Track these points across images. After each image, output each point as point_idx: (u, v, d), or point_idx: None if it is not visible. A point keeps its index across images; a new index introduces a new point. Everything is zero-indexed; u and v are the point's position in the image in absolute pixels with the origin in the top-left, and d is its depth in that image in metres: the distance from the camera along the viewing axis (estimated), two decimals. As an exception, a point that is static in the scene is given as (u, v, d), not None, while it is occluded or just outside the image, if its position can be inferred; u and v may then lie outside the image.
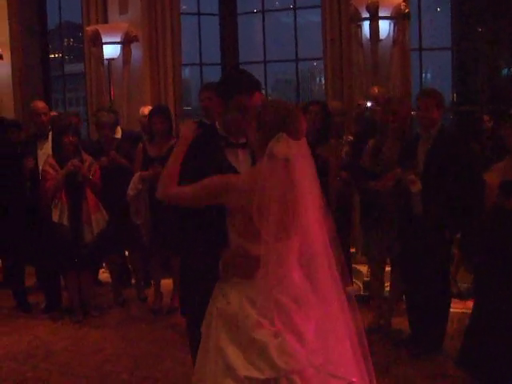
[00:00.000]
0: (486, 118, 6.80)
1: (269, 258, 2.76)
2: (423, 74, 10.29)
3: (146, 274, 7.17)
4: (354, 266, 7.04)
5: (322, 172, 5.35)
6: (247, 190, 2.80)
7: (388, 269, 6.05)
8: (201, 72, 10.57)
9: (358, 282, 6.90)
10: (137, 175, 6.30)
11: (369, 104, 6.87)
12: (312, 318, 2.86)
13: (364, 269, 6.91)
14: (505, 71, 11.56)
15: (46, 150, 6.73)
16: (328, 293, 2.87)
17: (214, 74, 10.67)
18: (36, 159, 6.71)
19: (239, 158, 3.36)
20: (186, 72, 11.97)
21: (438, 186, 5.05)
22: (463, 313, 5.79)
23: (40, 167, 6.51)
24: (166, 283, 6.86)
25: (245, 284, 2.87)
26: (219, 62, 10.46)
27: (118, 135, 7.15)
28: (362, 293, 6.62)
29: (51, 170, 6.26)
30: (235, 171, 3.25)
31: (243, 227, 2.85)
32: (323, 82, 9.02)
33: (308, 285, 2.89)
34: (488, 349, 4.71)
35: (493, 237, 4.81)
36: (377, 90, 6.93)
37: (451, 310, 5.57)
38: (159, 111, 6.53)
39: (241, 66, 10.25)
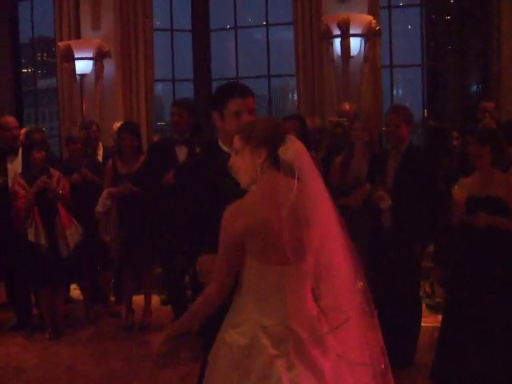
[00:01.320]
0: (454, 134, 6.89)
1: (286, 283, 2.65)
2: (394, 91, 10.37)
3: (118, 290, 7.14)
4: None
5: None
6: (260, 213, 2.63)
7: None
8: (173, 88, 10.59)
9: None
10: (105, 192, 6.29)
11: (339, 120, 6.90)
12: (330, 353, 2.70)
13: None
14: (473, 88, 11.72)
15: (15, 165, 6.67)
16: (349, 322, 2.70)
17: (186, 90, 10.72)
18: (6, 176, 6.65)
19: None
20: (159, 88, 11.99)
21: (407, 202, 5.10)
22: (434, 326, 5.84)
23: (9, 184, 6.46)
24: (138, 299, 6.83)
25: (259, 311, 2.68)
26: (192, 77, 10.48)
27: (100, 151, 7.17)
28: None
29: (21, 190, 6.21)
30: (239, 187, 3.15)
31: (260, 250, 2.65)
32: (295, 98, 9.07)
33: (321, 315, 2.74)
34: (458, 360, 4.78)
35: (460, 251, 4.90)
36: (348, 107, 6.99)
37: (423, 323, 5.62)
38: (128, 128, 6.52)
39: (213, 82, 10.30)
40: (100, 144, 7.35)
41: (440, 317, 5.34)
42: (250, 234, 2.61)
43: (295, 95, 9.07)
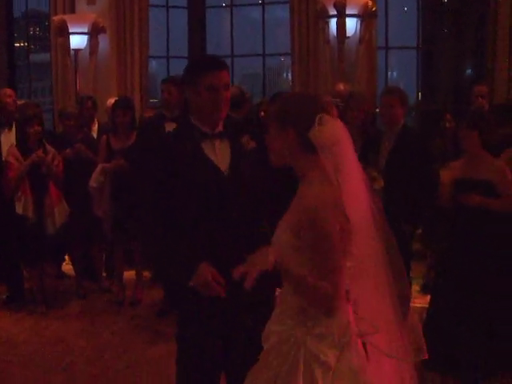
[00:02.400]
0: (447, 116, 6.92)
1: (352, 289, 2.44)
2: (389, 73, 10.38)
3: (109, 265, 7.17)
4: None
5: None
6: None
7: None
8: (168, 65, 10.56)
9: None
10: (99, 167, 6.31)
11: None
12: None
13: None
14: (468, 71, 11.73)
15: (9, 139, 6.66)
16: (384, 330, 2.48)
17: (180, 67, 10.65)
18: (-1, 149, 6.64)
19: (216, 149, 3.18)
20: (153, 64, 11.94)
21: (399, 183, 5.14)
22: (423, 307, 5.90)
23: (3, 157, 6.45)
24: (129, 274, 6.87)
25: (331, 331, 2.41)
26: (186, 55, 10.45)
27: (95, 127, 7.17)
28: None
29: (14, 161, 6.20)
30: (212, 164, 3.12)
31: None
32: (290, 77, 9.08)
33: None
34: (444, 341, 4.84)
35: (450, 233, 4.96)
36: (342, 87, 7.00)
37: (413, 304, 5.67)
38: (122, 104, 6.52)
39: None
40: (95, 120, 7.33)
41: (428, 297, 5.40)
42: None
43: (290, 74, 9.06)
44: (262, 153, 2.78)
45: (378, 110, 6.06)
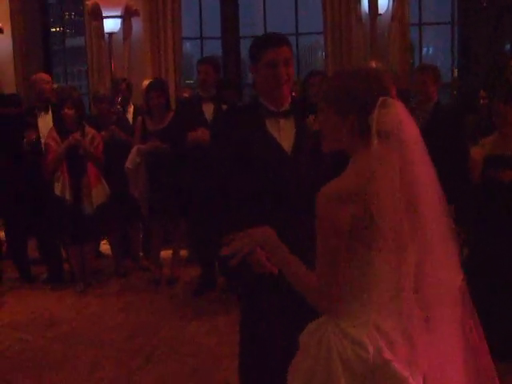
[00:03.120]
0: (482, 93, 6.86)
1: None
2: (424, 49, 10.27)
3: (147, 245, 7.28)
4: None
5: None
6: (360, 199, 2.11)
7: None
8: (201, 46, 10.60)
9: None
10: (135, 148, 6.39)
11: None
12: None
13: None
14: (507, 47, 11.52)
15: (46, 122, 6.77)
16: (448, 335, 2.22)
17: (214, 48, 10.72)
18: (38, 132, 6.76)
19: (281, 127, 3.17)
20: (187, 46, 11.99)
21: (433, 160, 5.11)
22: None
23: (42, 140, 6.58)
24: (166, 254, 6.98)
25: (373, 316, 2.16)
26: (219, 36, 10.48)
27: (131, 109, 7.27)
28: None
29: (53, 143, 6.32)
30: (276, 142, 3.12)
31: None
32: (323, 56, 9.05)
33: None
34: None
35: (483, 209, 4.93)
36: (375, 65, 6.97)
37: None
38: (156, 86, 6.57)
39: (241, 40, 10.28)
40: (130, 102, 7.43)
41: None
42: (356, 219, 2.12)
43: (323, 53, 9.03)
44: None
45: (411, 87, 6.01)
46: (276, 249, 2.30)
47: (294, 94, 6.42)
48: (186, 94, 7.88)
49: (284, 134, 3.16)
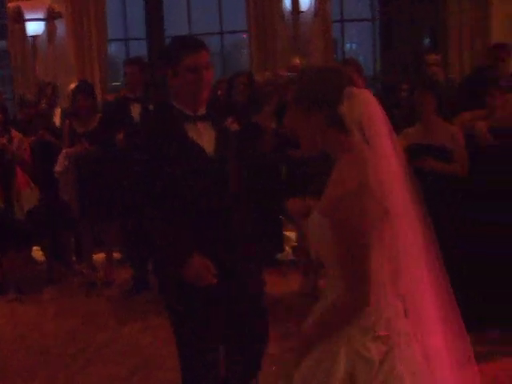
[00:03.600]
0: (404, 86, 7.05)
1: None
2: (347, 45, 10.51)
3: (79, 249, 7.23)
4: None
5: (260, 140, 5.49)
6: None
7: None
8: (126, 47, 10.56)
9: (288, 248, 7.13)
10: (63, 152, 6.37)
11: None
12: None
13: (293, 234, 7.13)
14: (426, 41, 11.87)
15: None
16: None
17: (139, 49, 10.68)
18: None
19: (201, 132, 3.13)
20: (112, 47, 11.91)
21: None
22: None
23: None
24: (99, 257, 6.96)
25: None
26: (145, 36, 10.46)
27: (58, 112, 7.20)
28: (291, 258, 6.88)
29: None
30: (198, 147, 3.08)
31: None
32: (248, 54, 9.16)
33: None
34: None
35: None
36: (298, 61, 7.08)
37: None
38: (82, 88, 6.56)
39: (167, 40, 10.29)
40: (58, 105, 7.36)
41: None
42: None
43: (248, 51, 9.14)
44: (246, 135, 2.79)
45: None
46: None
47: (220, 92, 6.54)
48: (110, 97, 7.86)
49: (204, 137, 3.12)
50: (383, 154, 2.11)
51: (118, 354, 5.03)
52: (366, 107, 2.12)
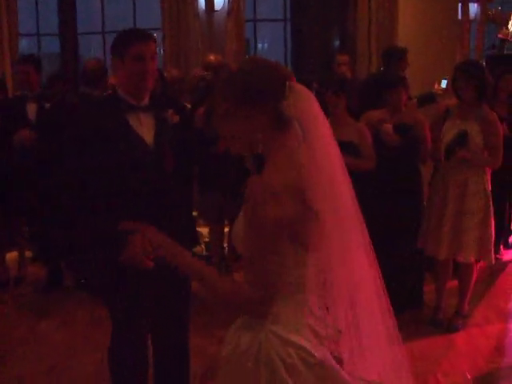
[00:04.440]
0: (314, 85, 7.27)
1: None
2: (259, 45, 10.68)
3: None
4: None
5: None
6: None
7: (226, 229, 6.46)
8: (38, 43, 10.41)
9: (202, 244, 7.23)
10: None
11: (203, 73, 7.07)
12: None
13: (205, 230, 7.23)
14: (335, 43, 12.18)
15: None
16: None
17: (52, 45, 10.55)
18: None
19: (142, 122, 3.19)
20: (23, 43, 11.71)
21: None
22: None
23: None
24: (11, 256, 6.86)
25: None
26: (57, 32, 10.34)
27: None
28: (204, 253, 6.98)
29: None
30: (138, 136, 3.14)
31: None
32: (162, 52, 9.20)
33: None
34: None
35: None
36: (213, 58, 7.07)
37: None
38: None
39: (79, 37, 10.22)
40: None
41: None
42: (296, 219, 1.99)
43: (162, 49, 9.18)
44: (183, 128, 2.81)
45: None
46: (180, 254, 2.18)
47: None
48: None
49: (145, 128, 3.19)
50: (322, 152, 2.02)
51: (35, 352, 5.01)
52: (307, 103, 2.01)
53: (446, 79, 6.71)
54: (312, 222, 2.00)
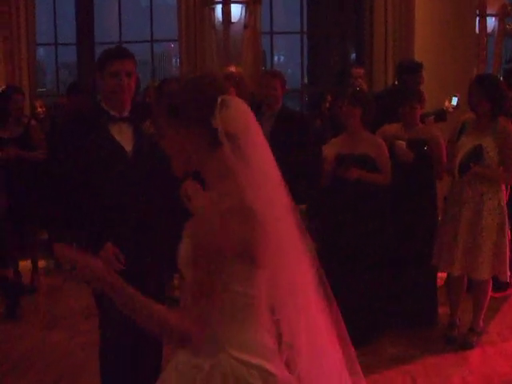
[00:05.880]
0: (328, 98, 7.29)
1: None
2: (276, 57, 10.71)
3: (2, 255, 7.12)
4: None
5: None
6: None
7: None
8: (56, 52, 10.48)
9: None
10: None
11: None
12: None
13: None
14: (353, 55, 12.20)
15: None
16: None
17: (69, 54, 10.62)
18: None
19: (122, 132, 3.46)
20: (41, 52, 11.79)
21: (283, 161, 5.39)
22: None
23: None
24: (24, 264, 6.85)
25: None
26: (74, 42, 10.41)
27: None
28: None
29: None
30: (118, 145, 3.41)
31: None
32: (178, 63, 9.24)
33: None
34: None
35: (329, 202, 5.31)
36: (233, 70, 6.95)
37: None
38: (12, 92, 6.50)
39: (96, 46, 10.27)
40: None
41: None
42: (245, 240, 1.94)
43: (178, 61, 9.22)
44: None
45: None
46: (119, 287, 1.97)
47: (148, 99, 6.58)
48: (38, 104, 7.79)
49: (125, 137, 3.45)
50: (260, 168, 1.95)
51: (43, 362, 5.00)
52: (242, 117, 1.94)
53: (456, 96, 6.63)
54: (261, 239, 1.94)
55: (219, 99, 1.92)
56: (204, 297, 1.92)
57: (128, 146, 3.44)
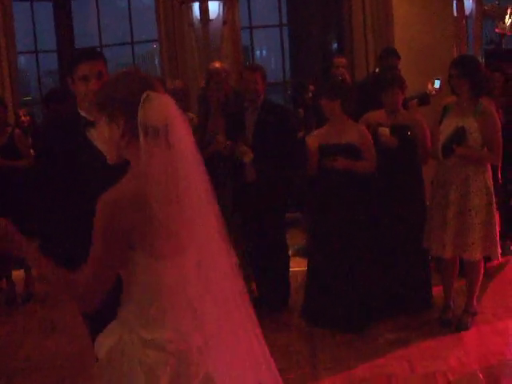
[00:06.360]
0: (311, 87, 7.28)
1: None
2: (257, 52, 10.69)
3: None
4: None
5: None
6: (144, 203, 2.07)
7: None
8: (37, 60, 10.44)
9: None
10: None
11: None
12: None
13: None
14: (334, 46, 12.18)
15: None
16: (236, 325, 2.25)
17: (50, 61, 10.58)
18: None
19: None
20: (22, 60, 11.74)
21: (267, 154, 5.42)
22: (300, 270, 6.25)
23: None
24: (17, 274, 6.84)
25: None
26: (55, 48, 10.37)
27: None
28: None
29: None
30: (95, 150, 3.33)
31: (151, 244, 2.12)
32: (159, 63, 9.23)
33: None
34: (324, 298, 5.24)
35: (316, 193, 5.34)
36: (218, 65, 6.82)
37: (296, 268, 6.08)
38: None
39: (77, 52, 10.22)
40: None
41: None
42: (138, 228, 2.09)
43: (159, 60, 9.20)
44: None
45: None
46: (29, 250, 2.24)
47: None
48: (21, 113, 7.75)
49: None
50: (184, 158, 2.10)
51: (44, 367, 5.02)
52: (164, 111, 2.08)
53: (439, 79, 6.66)
54: (157, 229, 2.07)
55: (144, 94, 2.07)
56: (93, 267, 2.09)
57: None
